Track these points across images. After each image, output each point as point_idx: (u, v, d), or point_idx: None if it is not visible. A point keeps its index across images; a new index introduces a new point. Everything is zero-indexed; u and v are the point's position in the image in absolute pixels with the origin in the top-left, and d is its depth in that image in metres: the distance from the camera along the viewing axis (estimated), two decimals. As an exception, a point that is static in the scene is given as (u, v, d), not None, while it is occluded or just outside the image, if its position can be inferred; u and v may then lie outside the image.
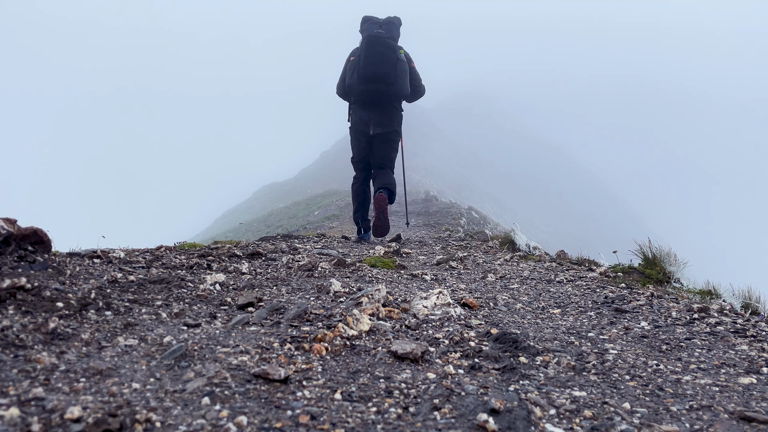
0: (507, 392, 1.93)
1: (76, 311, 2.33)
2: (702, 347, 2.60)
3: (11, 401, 1.51)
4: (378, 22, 5.78)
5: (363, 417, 1.67)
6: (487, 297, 3.72)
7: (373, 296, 3.05)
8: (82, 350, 1.98)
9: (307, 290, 3.48)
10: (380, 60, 5.57)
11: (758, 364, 2.34)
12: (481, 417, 1.66)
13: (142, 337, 2.20)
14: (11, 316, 2.10)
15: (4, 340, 1.89)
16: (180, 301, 2.85)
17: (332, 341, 2.32)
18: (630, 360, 2.39)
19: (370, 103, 5.88)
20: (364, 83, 5.71)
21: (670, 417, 1.80)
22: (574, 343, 2.66)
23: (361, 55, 5.67)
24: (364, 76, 5.66)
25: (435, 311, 3.06)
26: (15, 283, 2.30)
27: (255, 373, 1.89)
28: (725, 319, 3.12)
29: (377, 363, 2.18)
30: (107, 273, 3.10)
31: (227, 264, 4.04)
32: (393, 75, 5.60)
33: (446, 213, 16.13)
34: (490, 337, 2.60)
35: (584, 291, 4.03)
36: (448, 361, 2.27)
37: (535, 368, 2.23)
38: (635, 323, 3.05)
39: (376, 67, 5.59)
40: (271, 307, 2.81)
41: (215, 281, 3.28)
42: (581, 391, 2.00)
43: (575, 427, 1.69)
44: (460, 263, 5.41)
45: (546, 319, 3.20)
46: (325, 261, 4.75)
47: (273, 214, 24.00)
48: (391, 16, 5.86)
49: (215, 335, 2.34)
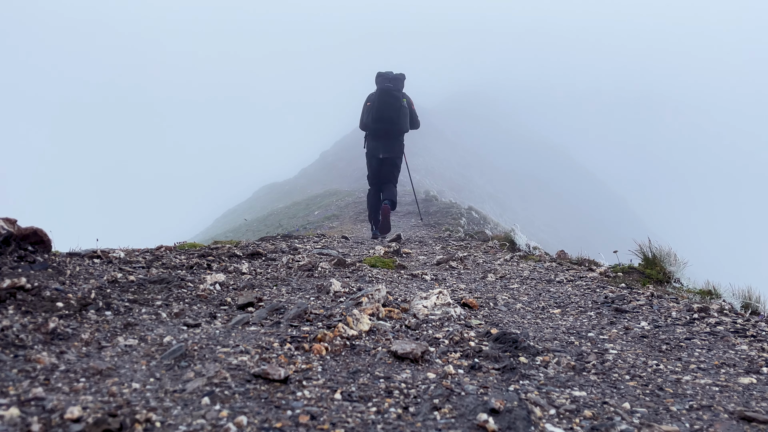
0: (507, 392, 1.93)
1: (76, 311, 2.33)
2: (702, 347, 2.60)
3: (11, 401, 1.51)
4: (388, 78, 7.84)
5: (363, 417, 1.67)
6: (487, 297, 3.72)
7: (373, 296, 3.05)
8: (82, 350, 1.98)
9: (307, 290, 3.48)
10: (388, 107, 7.80)
11: (758, 364, 2.34)
12: (481, 417, 1.66)
13: (142, 337, 2.20)
14: (11, 316, 2.10)
15: (4, 340, 1.89)
16: (180, 301, 2.85)
17: (332, 341, 2.33)
18: (630, 360, 2.39)
19: (380, 137, 8.05)
20: (375, 123, 7.92)
21: (670, 417, 1.80)
22: (574, 343, 2.66)
23: (375, 102, 7.89)
24: (375, 118, 7.88)
25: (435, 311, 3.06)
26: (15, 283, 2.30)
27: (255, 373, 1.89)
28: (725, 319, 3.12)
29: (377, 363, 2.18)
30: (107, 273, 3.10)
31: (227, 264, 4.04)
32: (396, 118, 7.86)
33: (446, 213, 16.13)
34: (490, 337, 2.60)
35: (584, 291, 4.03)
36: (448, 361, 2.27)
37: (535, 368, 2.23)
38: (635, 323, 3.05)
39: (384, 112, 7.83)
40: (271, 307, 2.81)
41: (215, 281, 3.28)
42: (581, 391, 2.00)
43: (575, 427, 1.69)
44: (460, 263, 5.41)
45: (546, 319, 3.20)
46: (325, 261, 4.75)
47: (273, 214, 24.00)
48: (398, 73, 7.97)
49: (215, 335, 2.34)
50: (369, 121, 7.91)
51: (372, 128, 7.98)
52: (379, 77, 7.92)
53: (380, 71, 7.96)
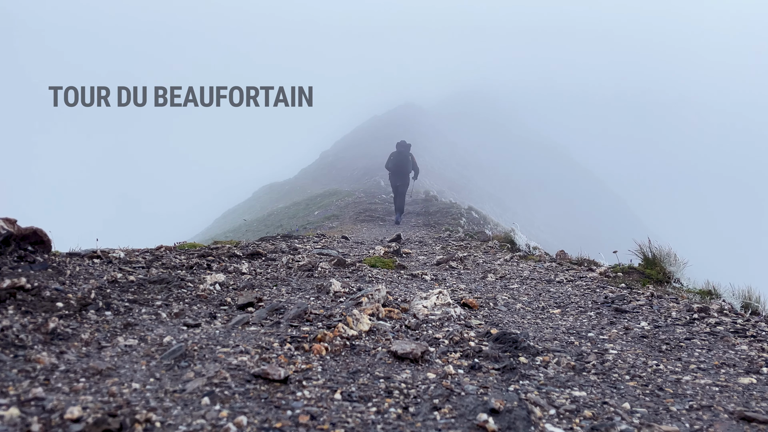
0: (507, 392, 1.93)
1: (76, 311, 2.33)
2: (702, 347, 2.60)
3: (11, 401, 1.51)
4: (403, 144, 14.67)
5: (363, 417, 1.67)
6: (487, 297, 3.72)
7: (373, 296, 3.05)
8: (82, 350, 1.98)
9: (307, 290, 3.48)
10: (401, 160, 14.47)
11: (758, 364, 2.35)
12: (481, 417, 1.66)
13: (142, 337, 2.20)
14: (11, 316, 2.10)
15: (4, 340, 1.89)
16: (180, 301, 2.85)
17: (332, 341, 2.33)
18: (630, 360, 2.39)
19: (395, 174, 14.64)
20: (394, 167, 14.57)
21: (670, 417, 1.80)
22: (574, 343, 2.66)
23: (394, 155, 14.54)
24: (393, 165, 14.57)
25: (435, 311, 3.06)
26: (15, 283, 2.30)
27: (255, 373, 1.89)
28: (725, 319, 3.12)
29: (377, 363, 2.18)
30: (107, 273, 3.10)
31: (227, 264, 4.04)
32: (405, 167, 14.53)
33: (446, 213, 16.15)
34: (490, 337, 2.60)
35: (584, 291, 4.03)
36: (448, 361, 2.27)
37: (535, 368, 2.23)
38: (635, 323, 3.05)
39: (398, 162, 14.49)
40: (271, 307, 2.81)
41: (215, 281, 3.28)
42: (581, 391, 2.00)
43: (575, 427, 1.69)
44: (460, 263, 5.41)
45: (546, 319, 3.20)
46: (325, 261, 4.75)
47: (273, 214, 24.00)
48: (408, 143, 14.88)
49: (215, 335, 2.34)
50: (391, 166, 14.62)
51: (392, 170, 14.65)
52: (397, 144, 14.71)
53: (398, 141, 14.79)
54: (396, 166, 14.45)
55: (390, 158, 14.69)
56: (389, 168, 14.73)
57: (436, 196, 20.71)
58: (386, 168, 15.01)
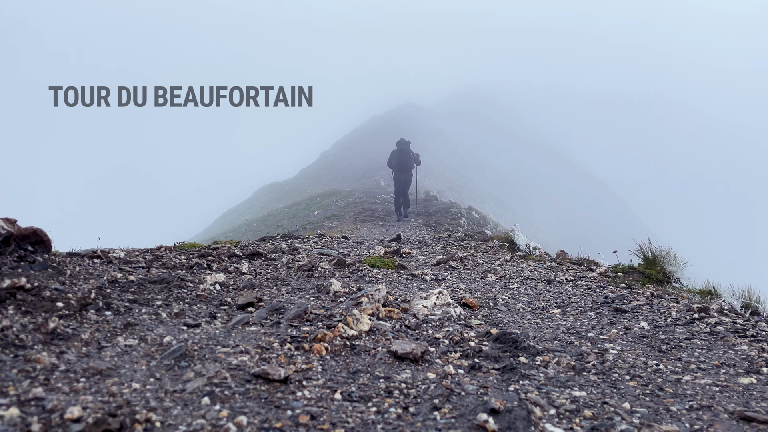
0: (507, 392, 1.93)
1: (76, 311, 2.33)
2: (702, 347, 2.60)
3: (11, 401, 1.51)
4: (403, 141, 15.26)
5: (363, 417, 1.67)
6: (487, 297, 3.72)
7: (373, 296, 3.05)
8: (82, 350, 1.98)
9: (307, 290, 3.48)
10: (403, 157, 15.05)
11: (758, 364, 2.35)
12: (481, 417, 1.66)
13: (142, 337, 2.20)
14: (11, 316, 2.10)
15: (4, 340, 1.89)
16: (180, 301, 2.85)
17: (332, 341, 2.33)
18: (630, 360, 2.39)
19: (400, 171, 15.10)
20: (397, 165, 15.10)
21: (670, 417, 1.80)
22: (574, 343, 2.66)
23: (396, 153, 15.13)
24: (396, 162, 15.12)
25: (435, 311, 3.06)
26: (15, 283, 2.30)
27: (255, 373, 1.89)
28: (725, 319, 3.12)
29: (377, 363, 2.18)
30: (107, 273, 3.10)
31: (227, 264, 4.04)
32: (408, 162, 15.05)
33: (446, 213, 16.15)
34: (490, 337, 2.61)
35: (584, 291, 4.03)
36: (448, 361, 2.27)
37: (535, 368, 2.23)
38: (635, 323, 3.05)
39: (401, 159, 15.06)
40: (271, 307, 2.81)
41: (215, 281, 3.28)
42: (581, 391, 2.00)
43: (575, 427, 1.69)
44: (460, 263, 5.41)
45: (546, 319, 3.20)
46: (325, 261, 4.75)
47: (273, 214, 23.99)
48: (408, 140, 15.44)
49: (215, 335, 2.34)
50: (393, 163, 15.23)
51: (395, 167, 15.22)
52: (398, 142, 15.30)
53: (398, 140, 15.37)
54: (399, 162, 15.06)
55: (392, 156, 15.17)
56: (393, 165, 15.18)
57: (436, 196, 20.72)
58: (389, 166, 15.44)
